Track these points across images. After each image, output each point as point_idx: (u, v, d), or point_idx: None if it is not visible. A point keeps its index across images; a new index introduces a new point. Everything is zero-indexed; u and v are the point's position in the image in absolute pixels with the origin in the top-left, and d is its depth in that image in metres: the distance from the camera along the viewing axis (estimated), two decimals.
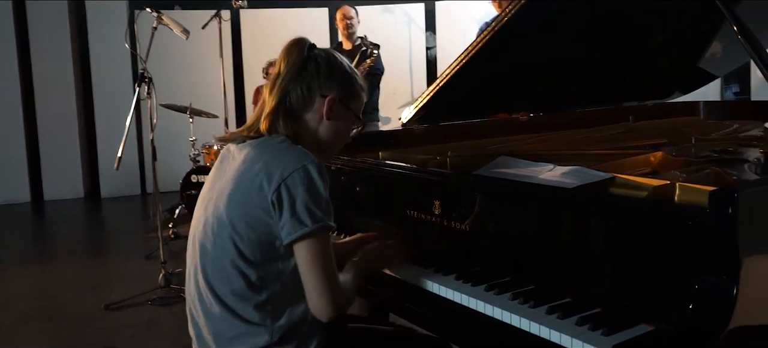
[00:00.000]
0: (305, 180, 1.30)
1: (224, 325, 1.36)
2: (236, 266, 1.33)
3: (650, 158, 1.95)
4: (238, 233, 1.33)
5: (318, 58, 1.45)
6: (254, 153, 1.38)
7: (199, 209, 1.45)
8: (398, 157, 2.25)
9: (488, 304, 1.30)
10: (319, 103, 1.44)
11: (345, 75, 1.48)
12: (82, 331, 3.39)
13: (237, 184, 1.36)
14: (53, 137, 7.07)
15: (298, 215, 1.29)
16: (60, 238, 6.04)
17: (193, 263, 1.42)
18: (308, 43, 1.47)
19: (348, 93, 1.48)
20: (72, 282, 4.26)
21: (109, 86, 6.90)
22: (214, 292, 1.36)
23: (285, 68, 1.43)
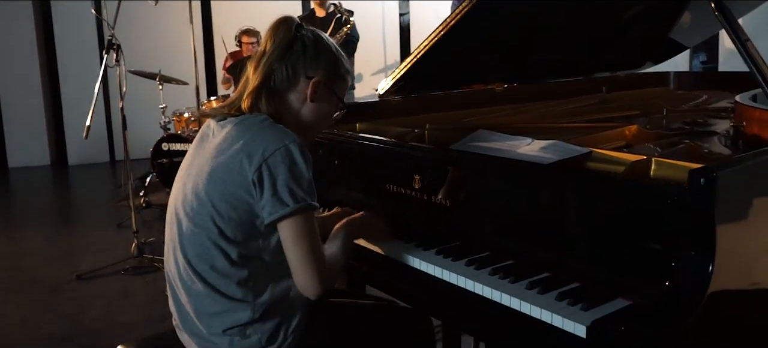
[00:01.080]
0: (287, 159, 1.29)
1: (207, 300, 1.35)
2: (217, 244, 1.32)
3: (625, 131, 1.98)
4: (219, 212, 1.31)
5: (305, 38, 1.42)
6: (235, 131, 1.36)
7: (178, 186, 1.43)
8: (376, 130, 2.24)
9: (469, 280, 1.31)
10: (304, 84, 1.42)
11: (332, 57, 1.46)
12: (53, 301, 3.35)
13: (217, 163, 1.33)
14: (16, 103, 6.86)
15: (279, 195, 1.28)
16: (27, 206, 5.91)
17: (172, 241, 1.40)
18: (296, 23, 1.44)
19: (334, 76, 1.46)
20: (41, 252, 4.19)
21: (73, 52, 6.70)
22: (194, 270, 1.35)
23: (271, 47, 1.41)
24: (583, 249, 1.28)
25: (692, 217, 1.05)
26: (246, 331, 1.34)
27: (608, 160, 1.57)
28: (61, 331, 3.01)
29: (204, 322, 1.36)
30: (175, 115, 5.36)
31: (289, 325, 1.37)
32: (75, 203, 6.06)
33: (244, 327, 1.34)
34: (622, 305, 1.15)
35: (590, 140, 1.87)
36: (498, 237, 1.46)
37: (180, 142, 4.90)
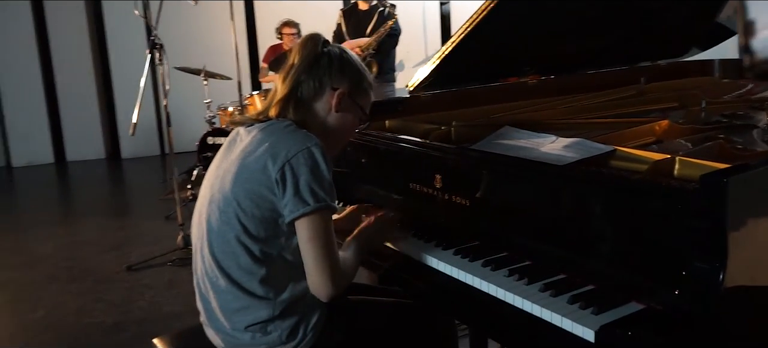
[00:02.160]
0: (309, 161, 1.34)
1: (230, 297, 1.41)
2: (241, 241, 1.38)
3: (655, 127, 1.94)
4: (243, 210, 1.37)
5: (331, 53, 1.50)
6: (261, 135, 1.42)
7: (205, 187, 1.49)
8: (404, 127, 2.26)
9: (484, 281, 1.33)
10: (329, 96, 1.49)
11: (356, 71, 1.53)
12: (105, 291, 3.52)
13: (243, 163, 1.40)
14: (72, 100, 7.20)
15: (301, 194, 1.33)
16: (83, 199, 6.19)
17: (199, 239, 1.47)
18: (322, 39, 1.52)
19: (357, 88, 1.53)
20: (95, 243, 4.39)
21: (123, 50, 6.95)
22: (219, 266, 1.41)
23: (299, 60, 1.48)
24: (598, 250, 1.28)
25: (703, 223, 1.04)
26: (267, 327, 1.39)
27: (631, 158, 1.54)
28: (111, 320, 3.16)
29: (228, 318, 1.42)
30: (220, 109, 5.51)
31: (309, 322, 1.42)
32: (127, 196, 6.32)
33: (265, 324, 1.39)
34: (635, 309, 1.14)
35: (617, 137, 1.84)
36: (516, 237, 1.46)
37: (224, 135, 5.04)
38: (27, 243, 4.54)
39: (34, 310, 3.31)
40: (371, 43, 4.76)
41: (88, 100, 7.23)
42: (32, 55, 7.03)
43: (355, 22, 4.90)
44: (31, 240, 4.60)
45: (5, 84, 7.05)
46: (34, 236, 4.68)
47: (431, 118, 2.30)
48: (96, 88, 7.27)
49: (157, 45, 3.49)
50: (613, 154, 1.59)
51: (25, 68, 7.00)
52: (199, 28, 6.71)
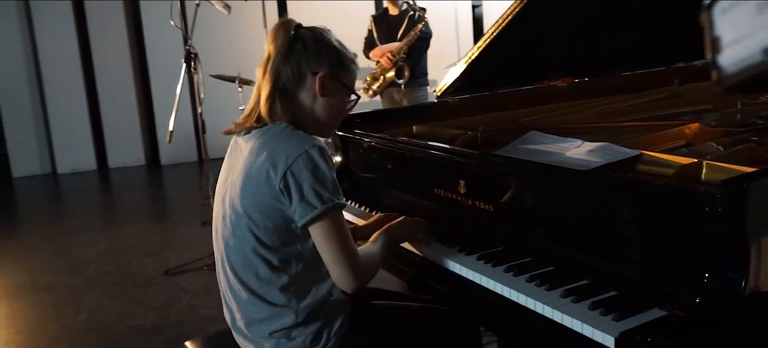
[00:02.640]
0: (309, 164, 1.34)
1: (252, 308, 1.44)
2: (257, 253, 1.40)
3: (685, 130, 1.91)
4: (254, 222, 1.39)
5: (305, 37, 1.45)
6: (258, 143, 1.41)
7: (217, 202, 1.51)
8: (432, 132, 2.27)
9: (505, 286, 1.33)
10: (311, 81, 1.45)
11: (333, 50, 1.48)
12: (145, 295, 3.62)
13: (247, 177, 1.40)
14: (113, 109, 7.42)
15: (306, 199, 1.34)
16: (123, 205, 6.38)
17: (219, 254, 1.50)
18: (294, 23, 1.47)
19: (338, 67, 1.48)
20: (135, 248, 4.52)
21: (162, 59, 7.13)
22: (240, 279, 1.43)
23: (274, 50, 1.44)
24: (619, 255, 1.27)
25: (724, 228, 1.02)
26: (291, 334, 1.42)
27: (658, 162, 1.53)
28: (150, 323, 3.25)
29: (252, 328, 1.45)
30: None
31: (332, 327, 1.44)
32: (166, 201, 6.48)
33: (288, 330, 1.42)
34: (657, 316, 1.13)
35: (646, 140, 1.81)
36: (540, 242, 1.46)
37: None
38: (71, 248, 4.70)
39: (77, 313, 3.43)
40: (402, 47, 4.77)
41: (128, 108, 7.44)
42: (75, 67, 7.29)
43: (386, 28, 4.91)
44: (75, 245, 4.76)
45: (50, 95, 7.32)
46: (78, 241, 4.84)
47: (459, 122, 2.30)
48: (136, 97, 7.48)
49: (192, 54, 3.58)
50: (639, 159, 1.58)
51: (68, 80, 7.26)
52: (234, 36, 6.84)
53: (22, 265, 4.32)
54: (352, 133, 2.20)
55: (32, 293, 3.79)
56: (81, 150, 7.42)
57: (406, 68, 4.78)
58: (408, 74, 4.79)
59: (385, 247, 1.54)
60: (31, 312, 3.53)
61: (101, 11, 7.18)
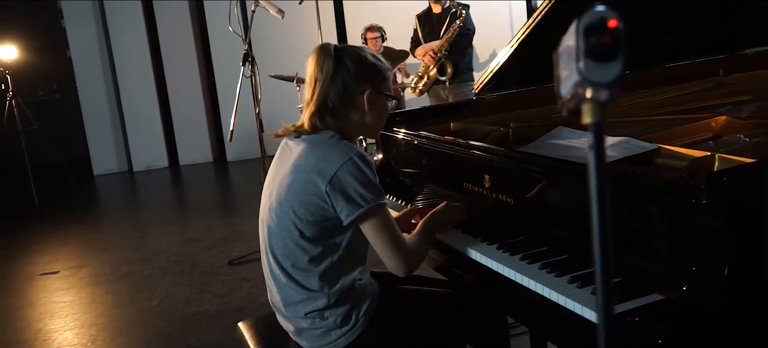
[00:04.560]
0: (353, 170, 1.51)
1: (290, 291, 1.61)
2: (298, 244, 1.57)
3: (712, 123, 1.93)
4: (298, 217, 1.55)
5: (346, 59, 1.60)
6: (308, 148, 1.58)
7: (265, 196, 1.69)
8: (467, 128, 2.37)
9: (518, 273, 1.44)
10: (359, 99, 1.61)
11: (373, 67, 1.62)
12: (210, 283, 3.90)
13: (295, 176, 1.57)
14: (183, 109, 7.89)
15: (352, 200, 1.50)
16: (192, 199, 6.79)
17: (263, 243, 1.68)
18: (333, 47, 1.62)
19: (380, 81, 1.64)
20: (202, 240, 4.84)
21: (226, 62, 7.51)
22: (280, 266, 1.61)
23: (320, 75, 1.59)
24: (622, 244, 1.35)
25: (709, 221, 1.10)
26: (324, 314, 1.58)
27: (673, 156, 1.58)
28: (214, 309, 3.52)
29: (290, 309, 1.63)
30: None
31: (360, 309, 1.59)
32: (231, 196, 6.83)
33: (321, 311, 1.58)
34: (654, 300, 1.21)
35: (671, 134, 1.86)
36: (555, 232, 1.55)
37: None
38: (146, 240, 5.08)
39: (149, 300, 3.74)
40: (443, 44, 4.86)
41: (196, 108, 7.89)
42: (147, 70, 7.80)
43: (430, 26, 5.01)
44: (149, 237, 5.14)
45: (126, 98, 7.86)
46: (152, 234, 5.22)
47: (494, 119, 2.39)
48: (203, 97, 7.92)
49: (249, 58, 3.81)
50: (656, 153, 1.64)
51: (141, 83, 7.79)
52: (292, 37, 7.11)
53: (103, 256, 4.71)
54: (391, 131, 2.34)
55: (111, 281, 4.15)
56: (154, 148, 7.92)
57: (448, 65, 4.87)
58: (450, 71, 4.87)
59: (430, 233, 1.70)
60: (110, 298, 3.87)
61: (169, 15, 7.65)
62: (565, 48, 0.63)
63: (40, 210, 6.39)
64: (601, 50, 0.60)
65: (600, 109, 0.62)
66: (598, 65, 0.60)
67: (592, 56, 0.60)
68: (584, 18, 0.60)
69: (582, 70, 0.60)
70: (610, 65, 0.60)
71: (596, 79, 0.60)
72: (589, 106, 0.62)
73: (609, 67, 0.60)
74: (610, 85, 0.60)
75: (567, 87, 0.63)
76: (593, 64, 0.60)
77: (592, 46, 0.60)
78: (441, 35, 4.90)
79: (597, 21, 0.60)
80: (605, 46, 0.60)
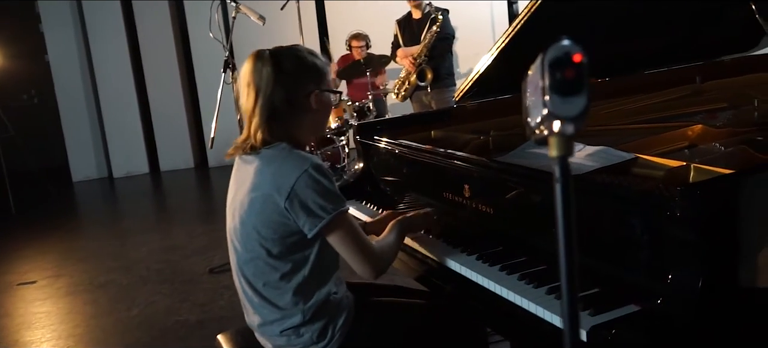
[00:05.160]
0: (310, 183, 1.48)
1: (264, 311, 1.59)
2: (267, 263, 1.55)
3: (688, 132, 1.95)
4: (263, 236, 1.53)
5: (284, 63, 1.54)
6: (261, 165, 1.53)
7: (229, 217, 1.66)
8: (448, 136, 2.38)
9: (497, 284, 1.44)
10: (304, 101, 1.56)
11: (312, 66, 1.57)
12: (191, 292, 3.86)
13: (254, 196, 1.53)
14: (164, 115, 7.81)
15: (313, 212, 1.48)
16: (173, 206, 6.72)
17: (233, 265, 1.66)
18: (267, 52, 1.55)
19: (322, 79, 1.59)
20: (183, 247, 4.79)
21: (208, 68, 7.43)
22: (252, 287, 1.59)
23: (261, 83, 1.52)
24: (600, 255, 1.35)
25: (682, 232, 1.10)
26: (299, 330, 1.57)
27: (650, 165, 1.60)
28: (195, 318, 3.48)
29: (265, 327, 1.62)
30: None
31: (336, 324, 1.58)
32: (212, 203, 6.76)
33: (297, 328, 1.57)
34: (631, 311, 1.22)
35: (648, 143, 1.87)
36: (533, 242, 1.56)
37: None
38: (125, 248, 5.02)
39: (129, 309, 3.69)
40: (421, 50, 4.87)
41: (177, 114, 7.81)
42: (127, 76, 7.71)
43: (410, 31, 5.02)
44: (129, 245, 5.08)
45: (105, 103, 7.76)
46: (132, 241, 5.16)
47: (475, 126, 2.40)
48: (184, 103, 7.85)
49: (230, 64, 3.79)
50: (634, 162, 1.65)
51: (121, 88, 7.69)
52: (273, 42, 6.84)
53: (82, 265, 4.64)
54: (371, 140, 2.34)
55: (90, 291, 4.09)
56: (134, 154, 7.83)
57: (428, 71, 4.88)
58: (430, 76, 4.87)
59: (399, 236, 1.68)
60: (88, 308, 3.81)
61: (150, 20, 7.56)
62: (532, 78, 0.63)
63: (18, 218, 6.29)
64: (566, 85, 0.60)
65: (566, 143, 0.62)
66: (563, 100, 0.60)
67: (557, 91, 0.60)
68: (549, 52, 0.60)
69: (548, 104, 0.60)
70: (575, 100, 0.60)
71: (562, 114, 0.60)
72: (555, 139, 0.62)
73: (574, 102, 0.60)
74: (575, 119, 0.60)
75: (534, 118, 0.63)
76: (558, 98, 0.60)
77: (557, 81, 0.60)
78: (421, 40, 4.91)
79: (562, 56, 0.60)
80: (570, 81, 0.60)
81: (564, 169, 0.63)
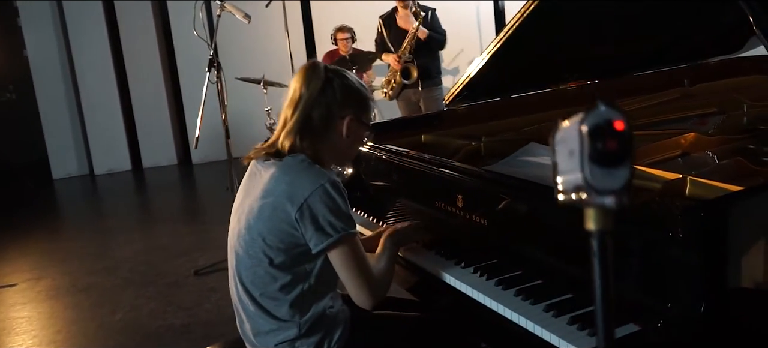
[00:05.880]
0: (324, 198, 1.46)
1: (259, 321, 1.56)
2: (268, 272, 1.52)
3: (681, 140, 1.95)
4: (268, 244, 1.50)
5: (334, 82, 1.56)
6: (278, 173, 1.53)
7: (234, 221, 1.63)
8: (438, 141, 2.35)
9: (494, 301, 1.41)
10: (339, 124, 1.57)
11: (357, 93, 1.60)
12: (176, 295, 3.80)
13: (265, 203, 1.51)
14: (146, 110, 7.70)
15: (322, 228, 1.46)
16: (157, 205, 6.62)
17: (232, 269, 1.62)
18: (323, 67, 1.58)
19: (361, 109, 1.61)
20: (167, 248, 4.72)
21: (191, 63, 7.34)
22: (249, 294, 1.56)
23: (307, 92, 1.54)
24: None
25: (684, 254, 1.09)
26: (294, 344, 1.54)
27: (647, 177, 1.58)
28: (180, 323, 3.42)
29: (259, 338, 1.58)
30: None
31: (332, 338, 1.55)
32: (197, 201, 6.69)
33: (292, 341, 1.54)
34: (631, 331, 1.20)
35: (642, 152, 1.86)
36: (529, 256, 1.54)
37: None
38: (108, 248, 4.93)
39: (112, 314, 3.63)
40: (405, 48, 4.82)
41: (160, 110, 7.70)
42: (108, 70, 7.58)
43: (396, 29, 4.96)
44: (112, 245, 4.99)
45: (86, 98, 7.62)
46: (115, 242, 5.07)
47: (465, 131, 2.37)
48: (167, 98, 7.73)
49: (215, 63, 3.72)
50: None
51: (102, 83, 7.56)
52: (259, 40, 7.00)
53: (63, 266, 4.55)
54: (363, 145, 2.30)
55: (71, 294, 4.01)
56: (116, 151, 7.71)
57: (413, 69, 4.84)
58: (415, 75, 4.84)
59: (393, 256, 1.66)
60: (70, 312, 3.74)
61: (132, 16, 7.44)
62: (565, 138, 0.59)
63: None
64: (609, 157, 0.55)
65: (605, 217, 0.58)
66: (604, 172, 0.55)
67: (598, 162, 0.55)
68: (589, 118, 0.55)
69: (587, 176, 0.56)
70: (617, 171, 0.56)
71: (603, 187, 0.56)
72: (593, 212, 0.58)
73: (616, 174, 0.55)
74: (617, 193, 0.56)
75: (567, 183, 0.59)
76: (600, 170, 0.55)
77: (599, 152, 0.55)
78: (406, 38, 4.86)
79: (602, 124, 0.55)
80: (613, 152, 0.55)
81: (602, 243, 0.59)
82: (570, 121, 0.58)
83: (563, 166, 0.60)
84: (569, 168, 0.58)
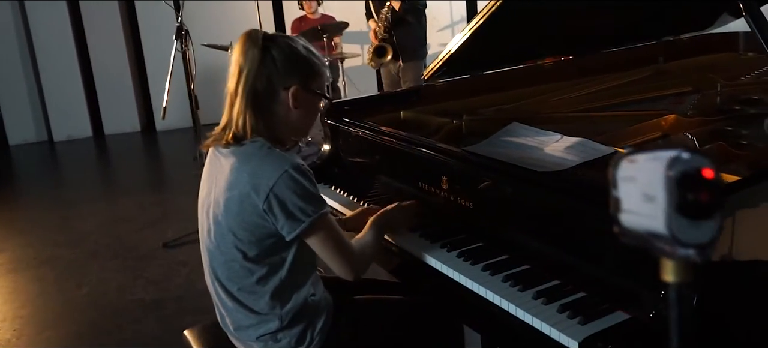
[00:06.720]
0: (290, 184, 1.40)
1: (239, 315, 1.52)
2: (243, 266, 1.47)
3: (661, 122, 1.96)
4: (239, 238, 1.45)
5: (273, 50, 1.45)
6: (238, 163, 1.45)
7: (201, 214, 1.57)
8: (418, 119, 2.32)
9: (482, 287, 1.41)
10: (284, 95, 1.47)
11: (303, 62, 1.49)
12: (144, 268, 3.72)
13: (230, 195, 1.45)
14: (107, 75, 7.42)
15: (293, 215, 1.41)
16: (121, 174, 6.44)
17: (206, 263, 1.58)
18: (261, 35, 1.47)
19: (308, 78, 1.50)
20: (133, 220, 4.61)
21: (154, 25, 7.10)
22: (226, 290, 1.52)
23: (245, 65, 1.44)
24: (585, 257, 1.34)
25: None
26: (277, 336, 1.51)
27: None
28: (150, 297, 3.36)
29: (240, 332, 1.55)
30: None
31: (315, 327, 1.53)
32: (162, 170, 6.53)
33: (274, 334, 1.51)
34: (620, 319, 1.21)
35: (622, 134, 1.87)
36: (516, 240, 1.53)
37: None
38: (70, 219, 4.78)
39: (79, 288, 3.54)
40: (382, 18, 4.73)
41: (121, 74, 7.44)
42: (66, 33, 7.25)
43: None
44: (75, 217, 4.84)
45: (43, 61, 7.29)
46: (78, 213, 4.92)
47: (445, 108, 2.34)
48: (129, 63, 7.47)
49: (183, 31, 3.60)
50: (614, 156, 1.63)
51: (59, 46, 7.24)
52: (225, 4, 6.80)
53: (23, 238, 4.41)
54: (340, 122, 2.25)
55: (34, 267, 3.89)
56: (76, 117, 7.44)
57: (388, 50, 4.77)
58: (390, 56, 4.78)
59: (378, 234, 1.63)
60: (33, 286, 3.63)
61: None
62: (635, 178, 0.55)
63: None
64: (698, 209, 0.51)
65: (686, 270, 0.54)
66: (692, 224, 0.52)
67: (685, 214, 0.51)
68: (676, 166, 0.51)
69: (672, 227, 0.52)
70: (706, 224, 0.52)
71: (689, 241, 0.52)
72: (673, 264, 0.54)
73: (704, 227, 0.52)
74: (704, 248, 0.52)
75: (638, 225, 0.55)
76: (686, 222, 0.52)
77: (688, 203, 0.51)
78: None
79: (692, 172, 0.51)
80: (704, 204, 0.51)
81: (681, 297, 0.56)
82: (643, 158, 0.54)
83: (633, 207, 0.56)
84: (644, 212, 0.55)
